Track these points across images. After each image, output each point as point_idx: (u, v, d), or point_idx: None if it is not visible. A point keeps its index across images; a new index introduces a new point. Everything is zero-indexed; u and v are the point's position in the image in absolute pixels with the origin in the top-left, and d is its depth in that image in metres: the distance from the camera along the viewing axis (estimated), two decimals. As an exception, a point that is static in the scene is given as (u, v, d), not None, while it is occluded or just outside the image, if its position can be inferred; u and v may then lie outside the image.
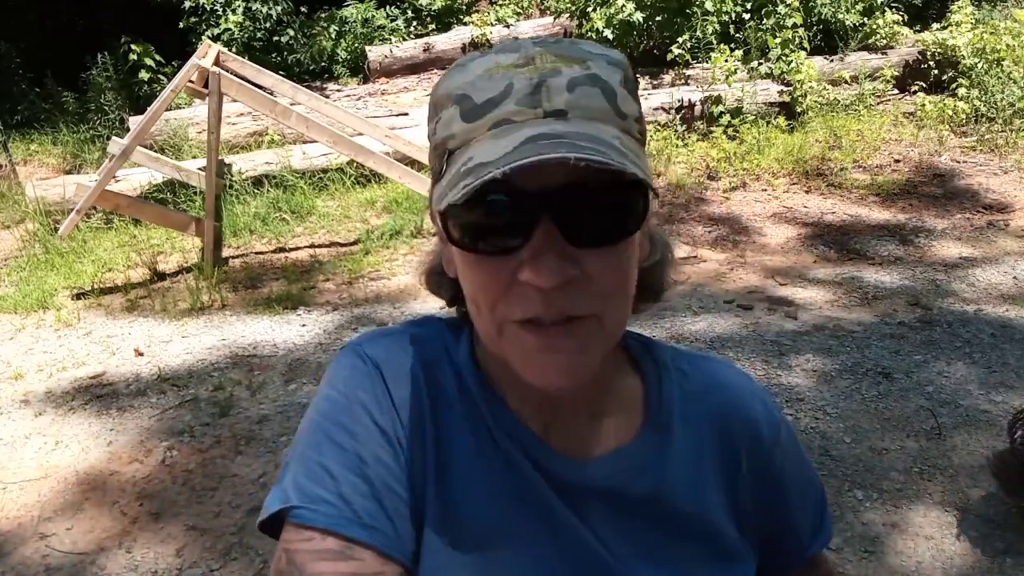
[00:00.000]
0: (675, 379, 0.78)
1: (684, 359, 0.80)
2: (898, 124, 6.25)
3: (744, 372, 0.85)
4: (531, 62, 0.59)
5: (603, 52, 0.62)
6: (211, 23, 7.56)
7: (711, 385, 0.79)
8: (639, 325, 3.59)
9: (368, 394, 0.69)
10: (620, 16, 6.57)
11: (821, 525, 0.84)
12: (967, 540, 2.25)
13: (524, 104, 0.58)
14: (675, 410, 0.76)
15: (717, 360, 0.84)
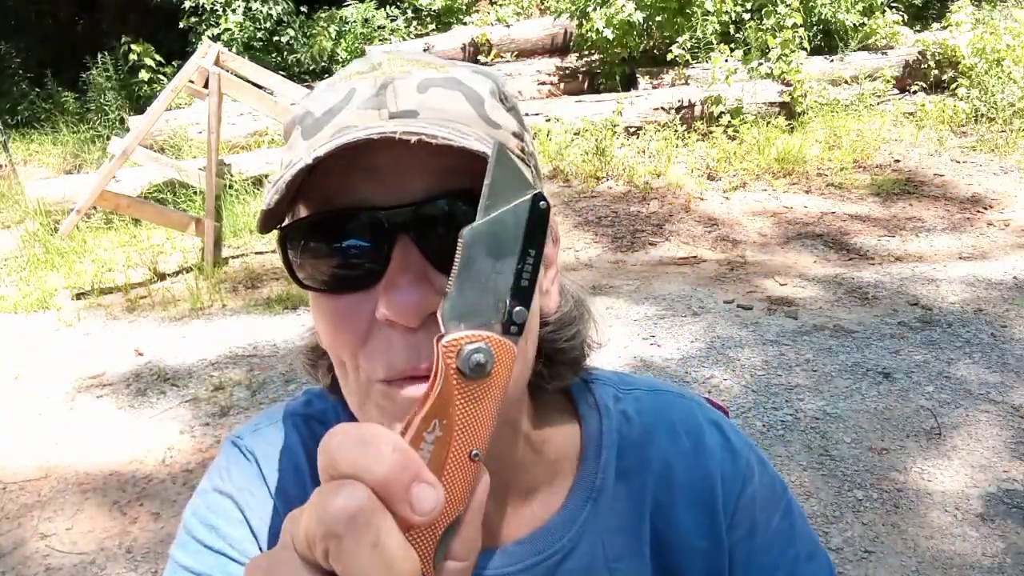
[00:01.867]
0: (616, 426, 0.66)
1: (630, 399, 0.69)
2: (898, 124, 6.25)
3: (707, 408, 0.72)
4: (377, 67, 0.52)
5: (469, 64, 0.56)
6: (211, 23, 7.56)
7: (663, 432, 0.67)
8: (634, 322, 3.60)
9: (241, 490, 0.64)
10: (620, 16, 6.57)
11: None
12: (967, 540, 2.25)
13: (367, 107, 0.49)
14: (616, 467, 0.65)
15: (674, 393, 0.71)
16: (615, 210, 5.16)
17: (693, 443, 0.67)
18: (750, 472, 0.68)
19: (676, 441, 0.67)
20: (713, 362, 3.26)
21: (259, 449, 0.66)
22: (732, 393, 3.02)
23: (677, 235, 4.78)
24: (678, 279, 4.19)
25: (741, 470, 0.67)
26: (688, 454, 0.67)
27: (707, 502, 0.66)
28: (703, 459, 0.67)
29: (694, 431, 0.68)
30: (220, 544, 0.62)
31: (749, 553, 0.67)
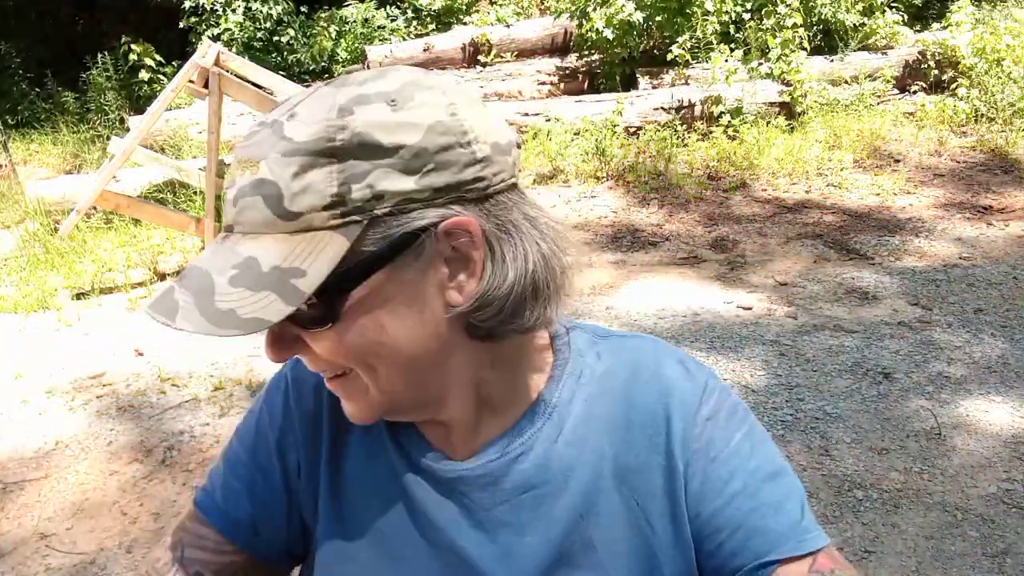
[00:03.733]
0: (585, 363, 0.76)
1: (603, 343, 0.78)
2: (898, 124, 6.25)
3: (675, 349, 0.78)
4: (232, 168, 0.62)
5: (287, 137, 0.60)
6: (211, 23, 7.56)
7: (626, 366, 0.76)
8: (635, 322, 3.59)
9: (271, 407, 0.81)
10: (620, 16, 6.56)
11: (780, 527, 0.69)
12: (967, 540, 2.25)
13: (226, 217, 0.63)
14: (576, 395, 0.74)
15: (646, 340, 0.79)
16: (615, 210, 5.16)
17: (653, 372, 0.75)
18: (708, 393, 0.74)
19: (638, 374, 0.75)
20: (713, 362, 3.26)
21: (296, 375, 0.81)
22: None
23: (677, 235, 4.78)
24: (678, 279, 4.19)
25: (698, 391, 0.74)
26: (648, 381, 0.75)
27: (663, 422, 0.73)
28: (661, 383, 0.74)
29: (655, 363, 0.76)
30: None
31: (706, 467, 0.71)
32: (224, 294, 0.59)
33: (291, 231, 0.60)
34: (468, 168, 0.62)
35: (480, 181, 0.63)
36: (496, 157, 0.64)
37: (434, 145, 0.61)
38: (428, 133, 0.60)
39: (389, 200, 0.60)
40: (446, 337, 0.66)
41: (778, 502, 0.70)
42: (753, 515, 0.70)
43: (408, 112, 0.61)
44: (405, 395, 0.68)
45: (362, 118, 0.60)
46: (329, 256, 0.59)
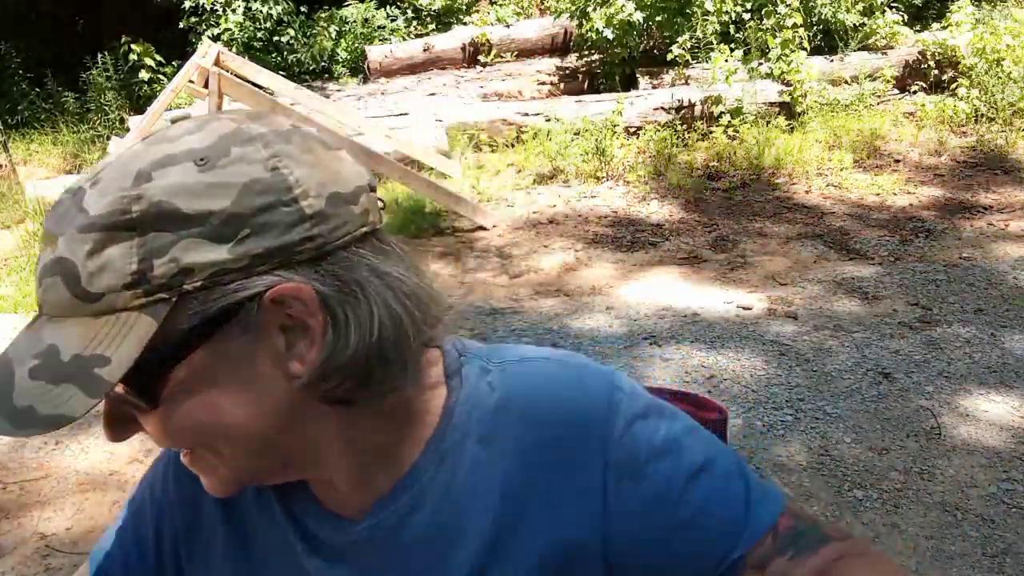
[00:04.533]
0: (477, 396, 0.69)
1: (495, 371, 0.71)
2: (898, 124, 6.25)
3: (572, 364, 0.72)
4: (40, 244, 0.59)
5: (83, 210, 0.54)
6: (211, 23, 7.56)
7: (517, 396, 0.69)
8: (634, 321, 3.60)
9: (152, 488, 0.78)
10: (620, 16, 6.57)
11: (729, 517, 0.67)
12: (967, 540, 2.25)
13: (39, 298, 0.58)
14: (468, 434, 0.68)
15: (540, 360, 0.73)
16: (615, 209, 5.16)
17: (551, 398, 0.69)
18: (613, 409, 0.68)
19: (535, 403, 0.69)
20: (713, 362, 3.26)
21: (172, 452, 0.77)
22: (732, 393, 3.02)
23: (677, 235, 4.78)
24: (678, 279, 4.19)
25: (602, 409, 0.68)
26: (547, 409, 0.68)
27: (569, 450, 0.67)
28: (562, 409, 0.68)
29: (551, 388, 0.70)
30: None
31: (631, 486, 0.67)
32: (23, 389, 0.54)
33: (94, 314, 0.55)
34: (295, 228, 0.56)
35: (312, 240, 0.56)
36: (334, 210, 0.57)
37: (250, 207, 0.54)
38: (242, 194, 0.54)
39: (200, 273, 0.54)
40: (295, 408, 0.60)
41: (720, 496, 0.68)
42: (700, 519, 0.67)
43: (218, 172, 0.54)
44: (260, 466, 0.64)
45: (162, 184, 0.54)
46: (135, 340, 0.54)
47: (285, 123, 0.60)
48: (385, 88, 7.37)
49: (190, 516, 0.75)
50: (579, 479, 0.67)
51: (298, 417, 0.61)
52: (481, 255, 4.60)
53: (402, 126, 5.83)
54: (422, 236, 4.84)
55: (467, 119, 6.19)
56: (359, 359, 0.59)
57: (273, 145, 0.57)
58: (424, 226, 4.93)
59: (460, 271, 4.41)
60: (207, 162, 0.55)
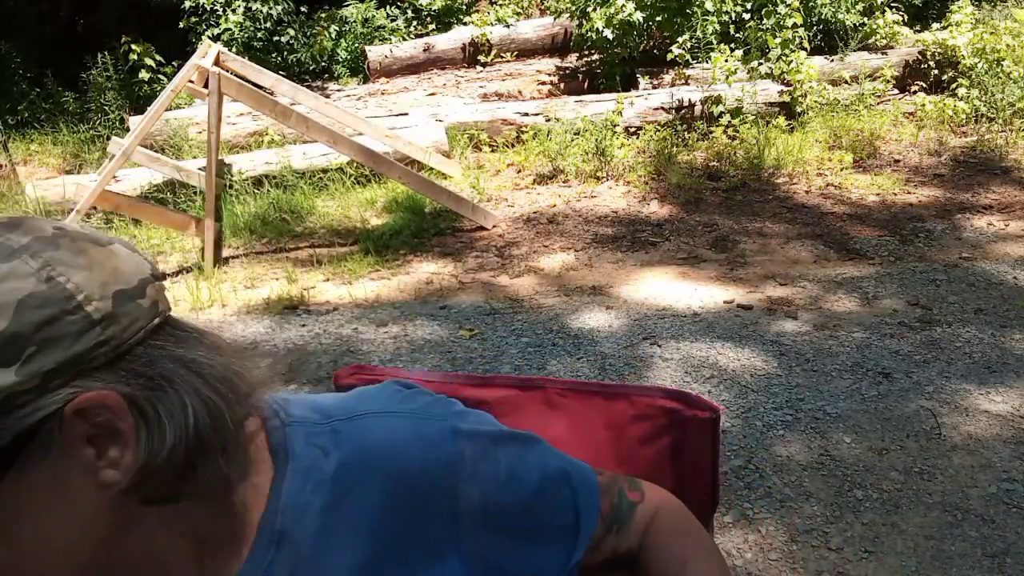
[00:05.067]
0: (307, 466, 0.67)
1: (325, 434, 0.69)
2: (898, 124, 6.25)
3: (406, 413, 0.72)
4: None
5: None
6: (211, 23, 7.56)
7: (356, 458, 0.68)
8: (634, 322, 3.59)
9: None
10: (620, 16, 6.57)
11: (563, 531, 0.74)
12: (967, 540, 2.25)
13: None
14: (307, 510, 0.66)
15: (372, 412, 0.72)
16: (615, 209, 5.16)
17: (391, 454, 0.68)
18: (455, 456, 0.70)
19: (376, 462, 0.68)
20: (713, 362, 3.26)
21: None
22: (732, 393, 3.02)
23: (677, 235, 4.78)
24: (678, 279, 4.19)
25: (443, 458, 0.69)
26: (389, 467, 0.68)
27: (420, 505, 0.68)
28: (404, 465, 0.68)
29: (389, 444, 0.69)
30: None
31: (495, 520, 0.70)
32: None
33: None
34: (85, 335, 0.53)
35: (106, 344, 0.54)
36: (122, 308, 0.55)
37: (30, 323, 0.51)
38: (19, 312, 0.50)
39: None
40: (116, 517, 0.56)
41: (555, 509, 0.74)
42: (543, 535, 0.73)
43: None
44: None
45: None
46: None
47: (47, 227, 0.56)
48: (385, 88, 7.37)
49: None
50: (432, 534, 0.68)
51: (124, 524, 0.57)
52: (481, 255, 4.60)
53: (402, 126, 5.83)
54: (422, 236, 4.84)
55: (467, 119, 6.19)
56: (178, 453, 0.56)
57: (41, 254, 0.53)
58: (424, 226, 4.93)
59: (460, 271, 4.41)
60: None
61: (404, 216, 5.04)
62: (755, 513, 2.38)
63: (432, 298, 4.07)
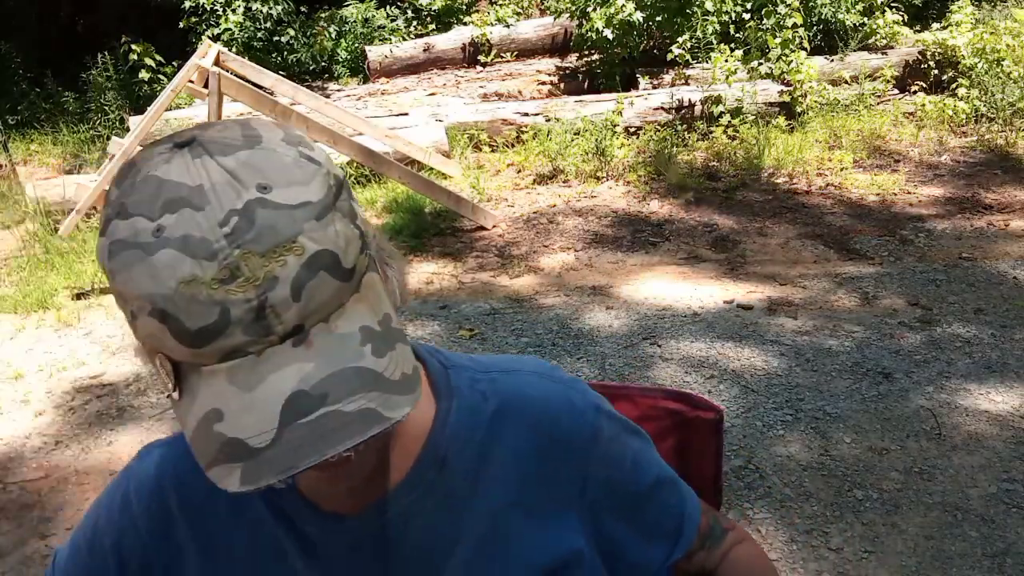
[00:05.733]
0: (471, 405, 0.73)
1: (485, 381, 0.75)
2: (898, 124, 6.25)
3: (555, 379, 0.78)
4: (237, 273, 0.51)
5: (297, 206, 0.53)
6: (211, 23, 7.56)
7: (512, 407, 0.74)
8: (634, 321, 3.60)
9: (110, 509, 0.76)
10: (620, 16, 6.56)
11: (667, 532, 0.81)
12: (967, 540, 2.25)
13: (253, 333, 0.52)
14: (466, 441, 0.72)
15: (523, 372, 0.78)
16: (615, 210, 5.16)
17: (543, 410, 0.74)
18: (598, 426, 0.76)
19: (529, 414, 0.74)
20: (713, 362, 3.26)
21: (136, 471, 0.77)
22: (732, 393, 3.02)
23: (677, 235, 4.78)
24: (678, 279, 4.19)
25: (589, 425, 0.75)
26: (540, 421, 0.74)
27: (559, 464, 0.74)
28: (553, 422, 0.74)
29: (543, 399, 0.75)
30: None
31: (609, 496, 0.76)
32: (385, 365, 0.54)
33: (354, 289, 0.56)
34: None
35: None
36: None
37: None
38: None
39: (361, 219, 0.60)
40: None
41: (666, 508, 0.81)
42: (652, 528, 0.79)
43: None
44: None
45: (322, 158, 0.58)
46: (383, 295, 0.59)
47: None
48: (385, 88, 7.37)
49: (158, 529, 0.74)
50: (562, 494, 0.74)
51: None
52: (481, 255, 4.60)
53: (402, 126, 5.83)
54: (422, 236, 4.84)
55: (467, 119, 6.19)
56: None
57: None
58: (424, 226, 4.93)
59: (460, 271, 4.41)
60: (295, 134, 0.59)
61: (404, 216, 5.04)
62: (755, 513, 2.38)
63: (432, 298, 4.07)
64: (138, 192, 0.53)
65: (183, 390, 0.55)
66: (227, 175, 0.53)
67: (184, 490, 0.72)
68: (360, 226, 0.58)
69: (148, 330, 0.54)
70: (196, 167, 0.53)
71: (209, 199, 0.52)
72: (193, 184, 0.52)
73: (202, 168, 0.53)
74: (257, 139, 0.56)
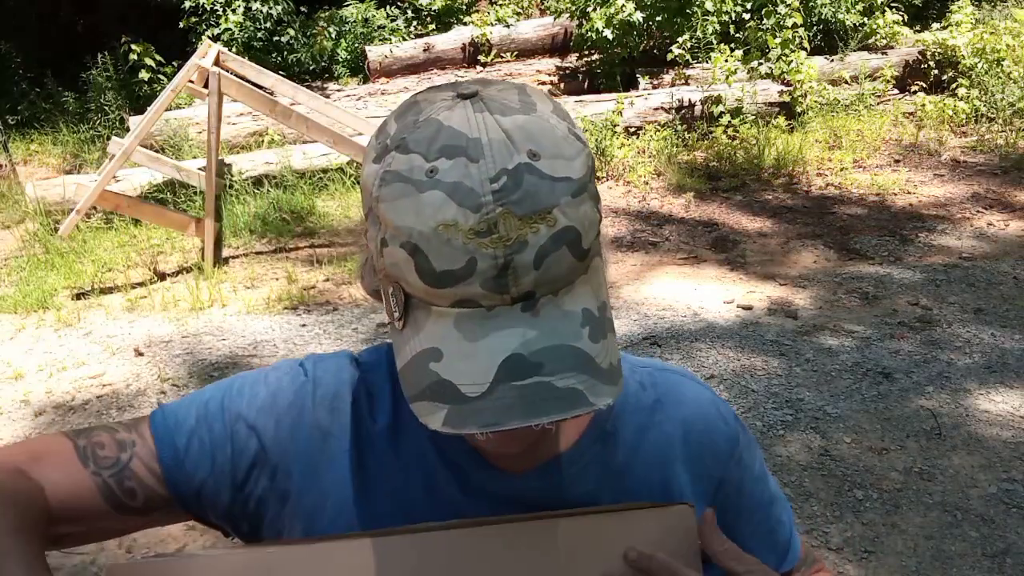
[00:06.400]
0: (632, 391, 0.77)
1: (644, 373, 0.80)
2: (898, 124, 6.25)
3: (702, 385, 0.84)
4: (493, 229, 0.53)
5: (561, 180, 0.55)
6: (211, 23, 7.55)
7: (670, 400, 0.79)
8: (634, 321, 3.60)
9: (277, 401, 0.73)
10: (620, 16, 6.56)
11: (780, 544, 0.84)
12: (967, 540, 2.25)
13: (490, 288, 0.54)
14: (627, 421, 0.76)
15: (675, 372, 0.83)
16: (615, 210, 5.16)
17: (694, 411, 0.79)
18: (737, 435, 0.81)
19: (684, 412, 0.78)
20: (713, 362, 3.26)
21: (319, 376, 0.75)
22: (732, 393, 3.02)
23: (677, 235, 4.78)
24: (678, 279, 4.19)
25: (733, 433, 0.80)
26: (691, 419, 0.78)
27: (703, 461, 0.78)
28: (703, 423, 0.79)
29: (695, 402, 0.80)
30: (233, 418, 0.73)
31: (737, 501, 0.80)
32: (597, 352, 0.56)
33: (584, 270, 0.59)
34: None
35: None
36: None
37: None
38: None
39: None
40: None
41: (781, 522, 0.84)
42: (768, 537, 0.83)
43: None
44: None
45: (579, 132, 0.59)
46: (603, 279, 0.62)
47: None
48: (385, 88, 7.37)
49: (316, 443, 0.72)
50: (701, 486, 0.78)
51: None
52: (481, 255, 4.60)
53: (402, 126, 5.82)
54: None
55: (467, 119, 6.18)
56: None
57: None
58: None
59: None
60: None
61: (404, 216, 5.03)
62: (755, 513, 2.38)
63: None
64: (420, 131, 0.56)
65: (407, 322, 0.58)
66: (504, 134, 0.55)
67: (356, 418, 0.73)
68: (600, 211, 0.60)
69: (394, 259, 0.57)
70: (477, 120, 0.56)
71: (484, 153, 0.54)
72: (472, 136, 0.55)
73: (483, 122, 0.56)
74: (532, 106, 0.58)
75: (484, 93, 0.58)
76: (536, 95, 0.60)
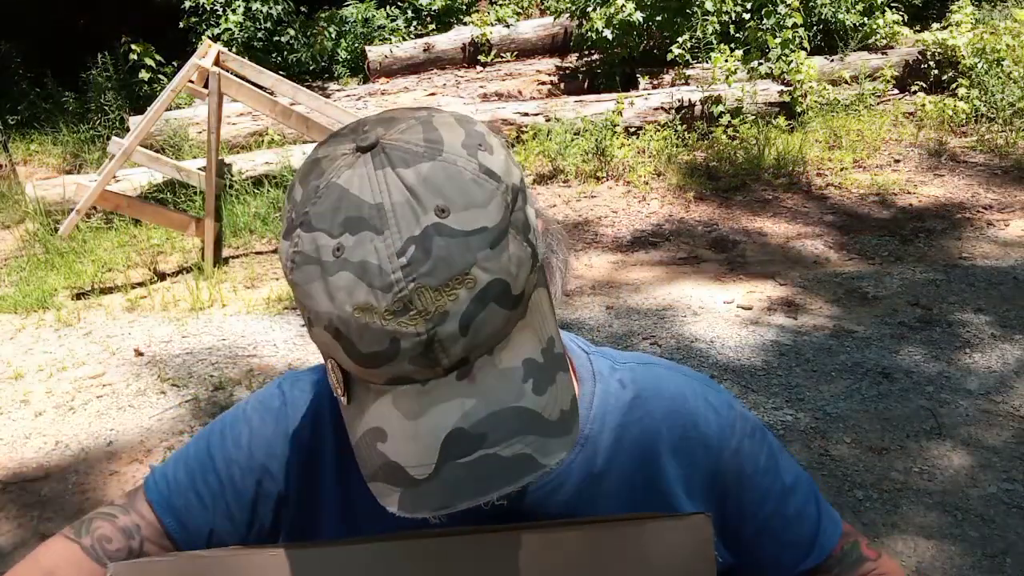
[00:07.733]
0: (611, 391, 0.75)
1: (625, 370, 0.77)
2: (898, 124, 6.24)
3: (690, 376, 0.81)
4: (409, 306, 0.51)
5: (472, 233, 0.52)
6: (211, 23, 7.55)
7: (649, 394, 0.76)
8: (634, 321, 3.60)
9: (262, 429, 0.76)
10: (620, 16, 6.56)
11: (800, 539, 0.78)
12: (967, 540, 2.25)
13: (420, 364, 0.53)
14: (606, 423, 0.74)
15: (657, 365, 0.80)
16: (615, 210, 5.16)
17: (679, 404, 0.76)
18: (732, 426, 0.77)
19: (664, 404, 0.76)
20: (713, 362, 3.26)
21: (295, 397, 0.77)
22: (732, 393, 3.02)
23: (677, 235, 4.78)
24: (678, 279, 4.19)
25: (725, 424, 0.76)
26: (675, 413, 0.75)
27: (694, 453, 0.75)
28: (689, 417, 0.76)
29: (679, 394, 0.77)
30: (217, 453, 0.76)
31: (739, 495, 0.76)
32: (544, 406, 0.55)
33: (521, 315, 0.56)
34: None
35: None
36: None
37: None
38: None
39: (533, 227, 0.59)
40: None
41: (800, 516, 0.78)
42: (783, 533, 0.77)
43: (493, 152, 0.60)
44: None
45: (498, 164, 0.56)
46: (548, 311, 0.60)
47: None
48: (385, 88, 7.37)
49: (304, 460, 0.75)
50: (695, 482, 0.75)
51: None
52: (481, 255, 4.60)
53: (402, 126, 5.82)
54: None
55: (467, 119, 6.18)
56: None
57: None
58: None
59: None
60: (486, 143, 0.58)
61: (404, 216, 5.03)
62: (755, 513, 2.38)
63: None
64: (322, 202, 0.54)
65: (352, 397, 0.58)
66: (407, 194, 0.53)
67: (337, 431, 0.73)
68: (532, 240, 0.57)
69: (322, 340, 0.56)
70: (378, 179, 0.53)
71: (388, 222, 0.52)
72: (374, 202, 0.53)
73: (384, 182, 0.53)
74: (438, 146, 0.55)
75: (386, 140, 0.55)
76: (444, 127, 0.57)
